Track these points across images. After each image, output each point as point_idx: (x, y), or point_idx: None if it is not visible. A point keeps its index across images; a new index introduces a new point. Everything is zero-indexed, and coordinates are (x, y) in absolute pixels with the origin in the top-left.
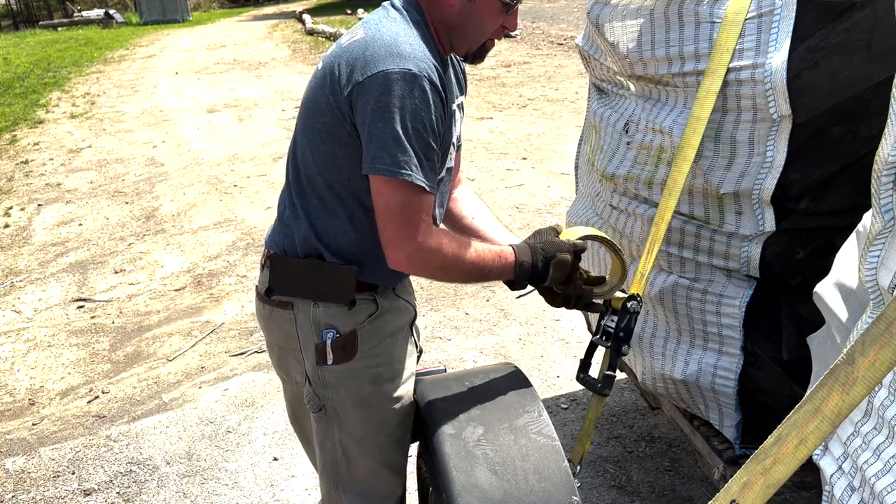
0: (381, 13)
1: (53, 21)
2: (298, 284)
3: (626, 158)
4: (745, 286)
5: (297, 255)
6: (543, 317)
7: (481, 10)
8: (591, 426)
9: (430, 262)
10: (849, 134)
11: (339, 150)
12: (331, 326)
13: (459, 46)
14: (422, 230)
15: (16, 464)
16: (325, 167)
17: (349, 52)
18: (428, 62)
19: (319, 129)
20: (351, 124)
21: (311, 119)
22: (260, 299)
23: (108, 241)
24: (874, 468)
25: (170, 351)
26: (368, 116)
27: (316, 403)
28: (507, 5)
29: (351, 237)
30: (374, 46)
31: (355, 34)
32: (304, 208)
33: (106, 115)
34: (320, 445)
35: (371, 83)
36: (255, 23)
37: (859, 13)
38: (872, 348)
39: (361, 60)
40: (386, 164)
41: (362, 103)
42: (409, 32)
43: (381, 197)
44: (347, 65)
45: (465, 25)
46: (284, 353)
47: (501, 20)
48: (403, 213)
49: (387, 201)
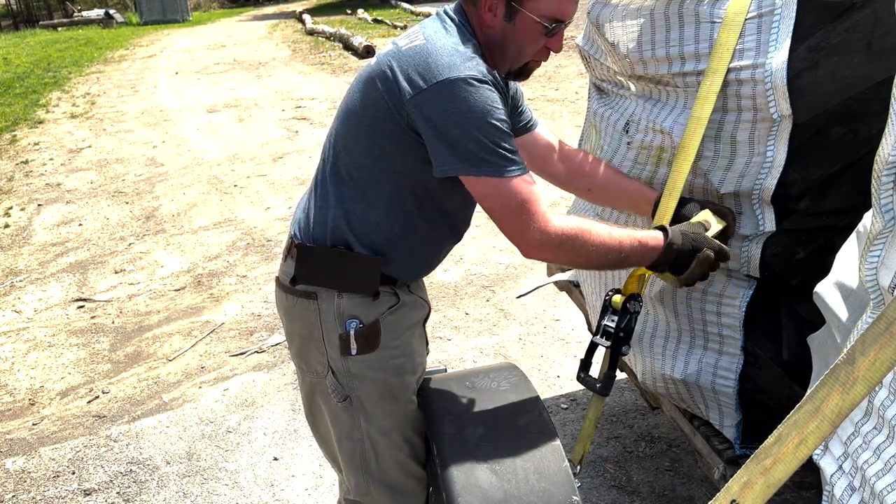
0: (438, 22)
1: (53, 21)
2: (324, 274)
3: (626, 158)
4: (745, 286)
5: (324, 244)
6: (543, 317)
7: (521, 33)
8: (591, 426)
9: (563, 244)
10: (849, 134)
11: (388, 145)
12: (354, 316)
13: (500, 65)
14: (540, 214)
15: (16, 464)
16: (370, 159)
17: (410, 57)
18: (485, 69)
19: (369, 123)
20: (408, 125)
21: (359, 111)
22: (282, 289)
23: (108, 241)
24: (874, 468)
25: (170, 351)
26: (438, 123)
27: (341, 393)
28: (549, 28)
29: (383, 228)
30: (436, 54)
31: (415, 39)
32: (340, 196)
33: (106, 115)
34: (347, 435)
35: (438, 91)
36: (255, 23)
37: (859, 13)
38: (872, 348)
39: (423, 66)
40: (475, 166)
41: (428, 110)
42: (465, 42)
43: (487, 199)
44: (409, 69)
45: (505, 47)
46: (306, 343)
47: (543, 42)
48: (514, 205)
49: (493, 201)
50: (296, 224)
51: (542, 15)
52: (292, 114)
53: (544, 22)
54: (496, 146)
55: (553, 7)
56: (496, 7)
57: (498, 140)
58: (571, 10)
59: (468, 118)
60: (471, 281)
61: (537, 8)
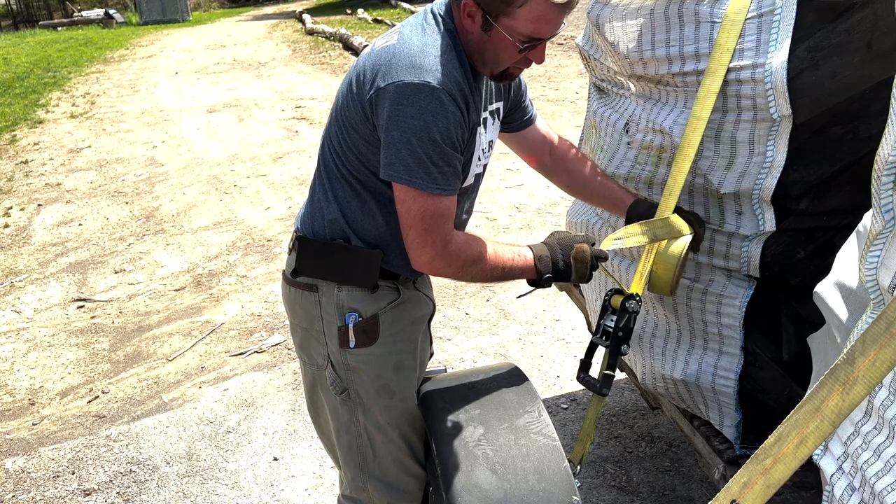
0: (420, 19)
1: (53, 21)
2: (324, 266)
3: (626, 158)
4: (745, 286)
5: (324, 238)
6: (543, 317)
7: (497, 45)
8: (591, 426)
9: (451, 265)
10: (849, 134)
11: (363, 146)
12: (353, 310)
13: (481, 68)
14: (442, 235)
15: (16, 464)
16: (351, 160)
17: (378, 56)
18: (449, 76)
19: (347, 125)
20: (373, 126)
21: (341, 114)
22: (286, 281)
23: (108, 241)
24: (874, 468)
25: (170, 351)
26: (385, 123)
27: (339, 385)
28: (522, 47)
29: (379, 223)
30: (400, 55)
31: (389, 39)
32: (334, 192)
33: (106, 115)
34: (345, 428)
35: (390, 91)
36: (255, 23)
37: (859, 13)
38: (872, 348)
39: (386, 66)
40: (399, 172)
41: (381, 109)
42: (438, 44)
43: (401, 204)
44: (374, 68)
45: (482, 53)
46: (307, 335)
47: (520, 56)
48: (423, 220)
49: (407, 208)
50: (299, 217)
51: (516, 33)
52: (292, 114)
53: (517, 40)
54: (429, 159)
55: (528, 27)
56: (475, 15)
57: (432, 154)
58: (549, 29)
59: (409, 124)
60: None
61: (512, 26)
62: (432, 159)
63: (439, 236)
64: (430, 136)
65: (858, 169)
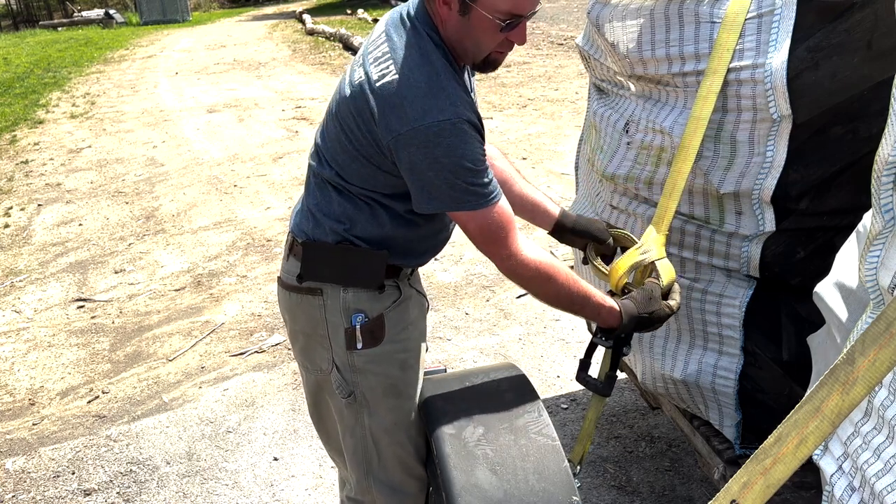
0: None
1: (53, 21)
2: (331, 269)
3: (626, 158)
4: (745, 286)
5: (329, 241)
6: (543, 317)
7: (476, 28)
8: (591, 426)
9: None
10: (849, 134)
11: (367, 169)
12: (359, 311)
13: (463, 58)
14: (506, 244)
15: (16, 464)
16: (351, 176)
17: (385, 97)
18: (460, 100)
19: (349, 148)
20: (392, 164)
21: (341, 133)
22: (285, 288)
23: (108, 241)
24: (874, 468)
25: (170, 351)
26: (416, 165)
27: (345, 389)
28: (503, 25)
29: (380, 226)
30: (410, 97)
31: (386, 70)
32: (330, 200)
33: (106, 115)
34: (350, 432)
35: (413, 137)
36: (255, 23)
37: (859, 13)
38: (872, 348)
39: (399, 109)
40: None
41: (404, 153)
42: (435, 66)
43: (468, 226)
44: (385, 108)
45: (462, 41)
46: (310, 341)
47: (501, 37)
48: (483, 234)
49: (468, 230)
50: (296, 223)
51: (495, 11)
52: (292, 114)
53: (498, 18)
54: (469, 185)
55: (507, 3)
56: (451, 1)
57: (471, 179)
58: (528, 4)
59: (443, 163)
60: (471, 281)
61: (491, 4)
62: (472, 183)
63: (503, 245)
64: (464, 167)
65: (858, 169)
